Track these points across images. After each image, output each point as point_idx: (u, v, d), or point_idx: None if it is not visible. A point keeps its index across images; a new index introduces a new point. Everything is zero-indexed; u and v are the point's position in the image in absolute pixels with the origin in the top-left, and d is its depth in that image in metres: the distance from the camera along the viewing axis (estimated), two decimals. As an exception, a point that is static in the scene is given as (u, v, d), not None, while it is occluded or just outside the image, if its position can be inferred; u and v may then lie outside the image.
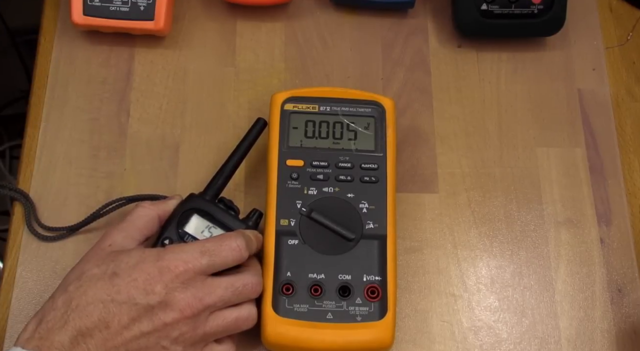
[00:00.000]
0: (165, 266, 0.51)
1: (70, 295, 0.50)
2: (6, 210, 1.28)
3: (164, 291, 0.51)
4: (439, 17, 0.74)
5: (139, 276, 0.51)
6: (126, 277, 0.51)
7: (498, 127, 0.70)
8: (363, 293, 0.57)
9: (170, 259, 0.52)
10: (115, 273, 0.51)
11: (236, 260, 0.54)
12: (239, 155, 0.61)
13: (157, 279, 0.51)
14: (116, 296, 0.50)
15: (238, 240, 0.54)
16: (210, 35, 0.71)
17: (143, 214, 0.57)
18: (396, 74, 0.71)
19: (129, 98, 0.68)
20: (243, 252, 0.54)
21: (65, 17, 0.70)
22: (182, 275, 0.51)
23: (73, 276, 0.52)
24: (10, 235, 0.63)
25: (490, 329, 0.62)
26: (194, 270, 0.52)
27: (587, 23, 0.75)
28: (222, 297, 0.53)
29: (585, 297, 0.64)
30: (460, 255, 0.65)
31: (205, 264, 0.52)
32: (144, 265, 0.51)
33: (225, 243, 0.54)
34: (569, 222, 0.67)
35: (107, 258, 0.53)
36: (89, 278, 0.51)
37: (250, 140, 0.61)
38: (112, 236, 0.55)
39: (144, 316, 0.50)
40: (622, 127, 0.71)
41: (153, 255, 0.52)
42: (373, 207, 0.60)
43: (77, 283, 0.51)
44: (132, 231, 0.56)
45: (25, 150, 0.66)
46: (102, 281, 0.51)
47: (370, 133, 0.63)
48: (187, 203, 0.58)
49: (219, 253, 0.53)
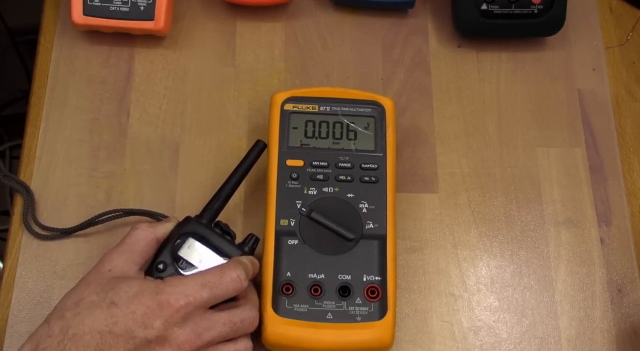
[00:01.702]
0: (165, 300, 0.50)
1: (68, 322, 0.49)
2: (6, 210, 1.28)
3: (162, 326, 0.49)
4: (439, 17, 0.74)
5: (138, 309, 0.49)
6: (125, 308, 0.50)
7: (498, 127, 0.70)
8: (363, 293, 0.57)
9: (170, 293, 0.50)
10: (113, 302, 0.50)
11: (237, 291, 0.53)
12: (237, 177, 0.59)
13: (156, 313, 0.50)
14: (114, 328, 0.49)
15: (238, 270, 0.53)
16: (210, 35, 0.71)
17: (142, 237, 0.55)
18: (396, 74, 0.71)
19: (129, 98, 0.68)
20: (243, 282, 0.53)
21: (65, 17, 0.70)
22: (182, 309, 0.50)
23: (70, 302, 0.51)
24: (10, 235, 0.63)
25: (490, 329, 0.62)
26: (195, 304, 0.51)
27: (587, 23, 0.75)
28: (220, 333, 0.52)
29: (585, 297, 0.64)
30: (460, 255, 0.65)
31: (206, 297, 0.51)
32: (144, 297, 0.50)
33: (225, 274, 0.53)
34: (569, 222, 0.67)
35: (106, 285, 0.51)
36: (87, 305, 0.50)
37: (250, 162, 0.60)
38: (112, 260, 0.54)
39: (141, 350, 0.49)
40: (622, 127, 0.71)
41: (153, 287, 0.51)
42: (373, 207, 0.60)
43: (75, 310, 0.50)
44: (132, 255, 0.54)
45: (25, 150, 0.66)
46: (100, 310, 0.50)
47: (370, 133, 0.63)
48: (183, 226, 0.57)
49: (220, 285, 0.52)
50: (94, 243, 0.62)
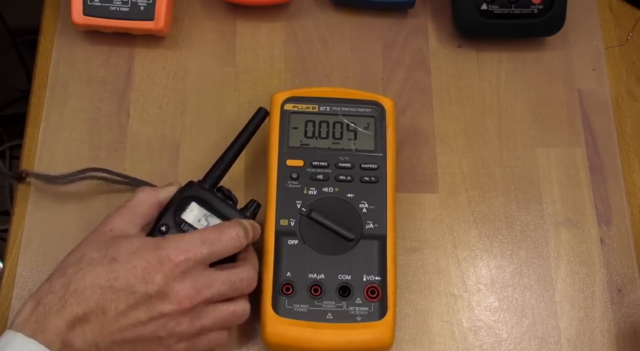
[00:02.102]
0: (165, 255, 0.51)
1: (69, 278, 0.50)
2: (6, 210, 1.28)
3: (162, 281, 0.50)
4: (439, 17, 0.74)
5: (138, 264, 0.50)
6: (125, 264, 0.50)
7: (498, 127, 0.70)
8: (363, 293, 0.57)
9: (170, 248, 0.52)
10: (114, 258, 0.51)
11: (236, 249, 0.54)
12: (239, 144, 0.60)
13: (156, 268, 0.51)
14: (114, 283, 0.50)
15: (237, 228, 0.54)
16: (210, 35, 0.71)
17: (144, 200, 0.56)
18: (396, 74, 0.71)
19: (129, 98, 0.68)
20: (242, 240, 0.54)
21: (65, 17, 0.70)
22: (182, 264, 0.51)
23: (72, 259, 0.52)
24: (10, 235, 0.63)
25: (490, 329, 0.62)
26: (195, 259, 0.52)
27: (587, 23, 0.75)
28: (220, 291, 0.53)
29: (585, 297, 0.64)
30: (460, 255, 0.65)
31: (206, 253, 0.52)
32: (144, 253, 0.51)
33: (225, 232, 0.54)
34: (569, 222, 0.67)
35: (107, 243, 0.52)
36: (88, 262, 0.51)
37: (251, 130, 0.61)
38: (114, 221, 0.55)
39: (141, 304, 0.50)
40: (622, 127, 0.71)
41: (153, 243, 0.52)
42: (373, 207, 0.60)
43: (76, 266, 0.51)
44: (133, 216, 0.55)
45: (25, 150, 0.66)
46: (100, 266, 0.50)
47: (370, 133, 0.63)
48: (186, 190, 0.58)
49: (219, 242, 0.53)
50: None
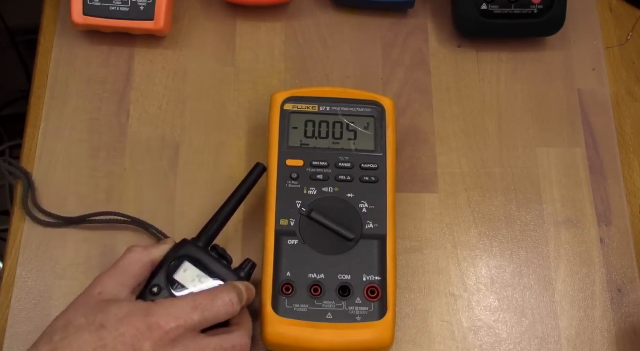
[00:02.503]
0: (155, 322, 0.49)
1: (55, 345, 0.48)
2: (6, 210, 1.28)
3: (152, 349, 0.49)
4: (439, 17, 0.74)
5: (127, 331, 0.49)
6: (114, 331, 0.48)
7: (498, 127, 0.70)
8: (363, 293, 0.57)
9: (160, 315, 0.50)
10: (102, 325, 0.49)
11: (229, 315, 0.52)
12: (235, 200, 0.58)
13: (146, 336, 0.49)
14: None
15: (231, 294, 0.52)
16: (210, 35, 0.71)
17: (136, 260, 0.54)
18: (396, 74, 0.71)
19: (129, 98, 0.68)
20: (236, 306, 0.52)
21: (65, 17, 0.70)
22: (172, 332, 0.49)
23: (59, 324, 0.50)
24: (10, 235, 0.63)
25: (490, 329, 0.62)
26: (185, 326, 0.50)
27: (587, 23, 0.75)
28: None
29: (585, 297, 0.64)
30: (460, 255, 0.65)
31: (197, 320, 0.50)
32: (133, 320, 0.49)
33: (218, 297, 0.52)
34: (569, 222, 0.67)
35: (95, 308, 0.50)
36: (75, 328, 0.49)
37: (248, 186, 0.59)
38: (103, 282, 0.53)
39: None
40: (622, 127, 0.71)
41: (143, 309, 0.50)
42: (373, 207, 0.60)
43: (63, 333, 0.49)
44: (124, 278, 0.53)
45: (25, 150, 0.66)
46: (88, 334, 0.48)
47: (370, 133, 0.63)
48: (180, 249, 0.56)
49: (212, 308, 0.51)
50: (93, 243, 0.62)
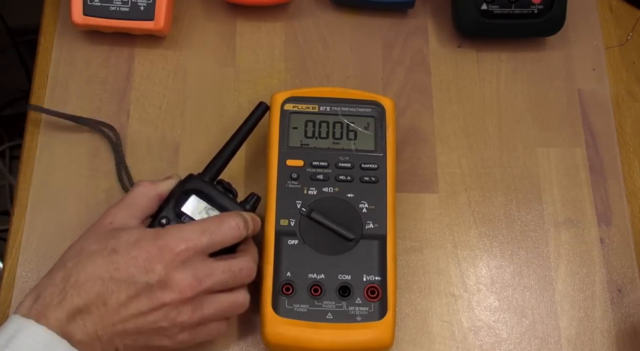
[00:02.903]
0: (165, 244, 0.51)
1: (69, 271, 0.50)
2: (6, 210, 1.28)
3: (163, 270, 0.51)
4: (439, 17, 0.74)
5: (139, 254, 0.51)
6: (125, 255, 0.51)
7: (498, 127, 0.70)
8: (363, 293, 0.57)
9: (170, 238, 0.52)
10: (114, 250, 0.51)
11: (235, 238, 0.54)
12: (239, 138, 0.60)
13: (157, 258, 0.51)
14: (115, 274, 0.50)
15: (237, 219, 0.54)
16: (210, 35, 0.71)
17: (144, 193, 0.57)
18: (396, 74, 0.71)
19: (129, 98, 0.68)
20: (242, 230, 0.54)
21: (65, 17, 0.70)
22: (182, 253, 0.51)
23: (72, 252, 0.52)
24: (10, 235, 0.63)
25: (490, 329, 0.62)
26: (195, 248, 0.52)
27: (587, 23, 0.75)
28: (220, 280, 0.53)
29: (585, 297, 0.64)
30: (460, 255, 0.65)
31: (206, 243, 0.52)
32: (144, 243, 0.51)
33: (225, 221, 0.54)
34: (569, 222, 0.67)
35: (107, 235, 0.53)
36: (88, 254, 0.51)
37: (251, 124, 0.61)
38: (113, 214, 0.55)
39: (143, 295, 0.50)
40: (622, 127, 0.71)
41: (153, 234, 0.52)
42: (373, 207, 0.60)
43: (76, 259, 0.51)
44: (133, 209, 0.56)
45: (25, 150, 0.66)
46: (101, 258, 0.51)
47: (370, 133, 0.63)
48: (186, 183, 0.58)
49: (219, 231, 0.53)
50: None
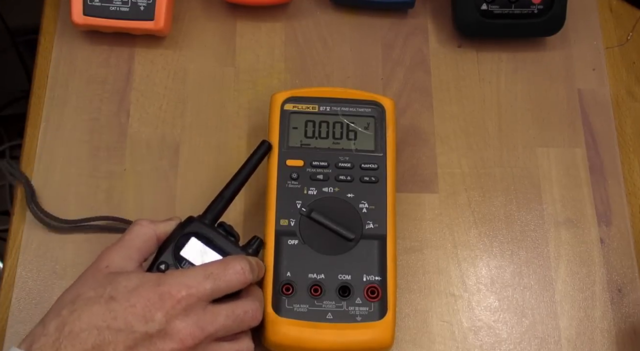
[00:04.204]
0: (166, 291, 0.48)
1: (64, 319, 0.47)
2: (6, 210, 1.28)
3: (164, 319, 0.48)
4: (439, 17, 0.74)
5: (138, 302, 0.48)
6: (124, 302, 0.48)
7: (498, 127, 0.70)
8: (363, 293, 0.57)
9: (172, 284, 0.49)
10: (112, 297, 0.48)
11: (241, 284, 0.52)
12: (241, 178, 0.58)
13: (157, 306, 0.48)
14: (112, 323, 0.47)
15: (242, 263, 0.52)
16: (210, 35, 0.71)
17: (141, 233, 0.54)
18: (396, 74, 0.71)
19: (129, 98, 0.68)
20: (247, 275, 0.52)
21: (65, 17, 0.70)
22: (183, 300, 0.49)
23: (67, 299, 0.49)
24: (10, 235, 0.63)
25: (490, 329, 0.62)
26: (197, 295, 0.49)
27: (587, 23, 0.75)
28: (224, 326, 0.50)
29: (585, 297, 0.64)
30: (460, 255, 0.65)
31: (209, 288, 0.50)
32: (144, 290, 0.48)
33: (230, 266, 0.51)
34: (569, 222, 0.67)
35: (104, 281, 0.50)
36: (84, 301, 0.48)
37: (254, 163, 0.59)
38: (110, 256, 0.52)
39: (141, 345, 0.47)
40: (622, 127, 0.71)
41: (153, 280, 0.49)
42: (373, 207, 0.60)
43: (71, 307, 0.48)
44: (130, 251, 0.53)
45: (25, 150, 0.66)
46: (98, 306, 0.48)
47: (370, 133, 0.63)
48: (186, 226, 0.55)
49: (224, 277, 0.51)
50: (94, 242, 0.62)
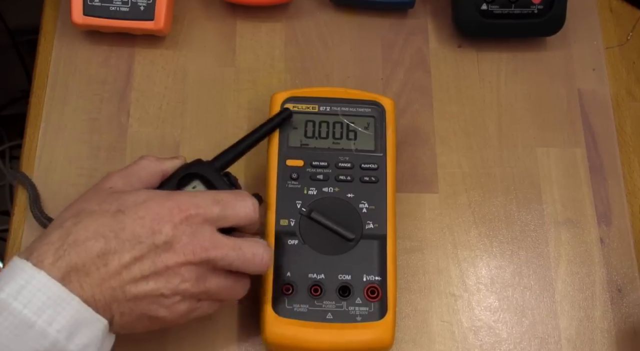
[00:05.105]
0: (175, 206, 0.48)
1: (68, 229, 0.46)
2: (6, 210, 1.28)
3: (171, 232, 0.47)
4: (439, 17, 0.74)
5: (147, 214, 0.47)
6: (132, 214, 0.47)
7: (498, 127, 0.70)
8: (363, 293, 0.57)
9: (181, 200, 0.48)
10: (120, 210, 0.47)
11: (248, 218, 0.51)
12: (257, 135, 0.59)
13: (166, 219, 0.47)
14: (120, 233, 0.46)
15: (252, 199, 0.51)
16: (210, 35, 0.71)
17: (147, 166, 0.53)
18: (396, 74, 0.71)
19: (129, 98, 0.68)
20: (255, 213, 0.51)
21: (65, 17, 0.70)
22: (192, 218, 0.48)
23: (70, 213, 0.48)
24: (10, 235, 0.63)
25: (490, 329, 0.62)
26: (205, 216, 0.48)
27: (587, 23, 0.75)
28: (228, 255, 0.49)
29: (585, 297, 0.64)
30: (460, 255, 0.65)
31: (217, 213, 0.49)
32: (153, 203, 0.48)
33: (240, 197, 0.51)
34: (569, 222, 0.67)
35: (109, 198, 0.49)
36: (89, 213, 0.47)
37: (273, 125, 0.60)
38: (113, 179, 0.52)
39: (147, 256, 0.47)
40: (622, 127, 0.71)
41: (163, 195, 0.49)
42: (373, 207, 0.60)
43: (75, 219, 0.47)
44: (133, 180, 0.52)
45: (25, 150, 0.66)
46: (105, 218, 0.47)
47: (370, 133, 0.63)
48: (192, 166, 0.55)
49: (233, 206, 0.50)
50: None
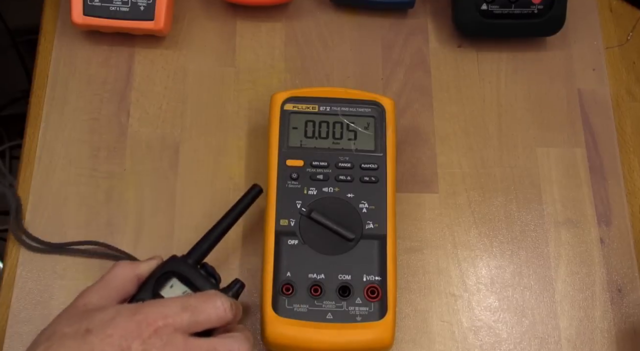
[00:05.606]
0: (143, 320, 0.47)
1: None
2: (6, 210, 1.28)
3: (140, 347, 0.46)
4: (439, 17, 0.74)
5: (115, 332, 0.46)
6: (100, 333, 0.46)
7: (498, 127, 0.70)
8: (363, 293, 0.57)
9: (148, 313, 0.48)
10: (88, 330, 0.47)
11: (220, 320, 0.50)
12: (229, 220, 0.57)
13: (134, 334, 0.46)
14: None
15: (222, 298, 0.50)
16: (210, 35, 0.71)
17: (121, 274, 0.53)
18: (396, 74, 0.71)
19: (129, 98, 0.68)
20: (227, 312, 0.50)
21: (65, 17, 0.70)
22: (161, 330, 0.47)
23: (43, 337, 0.48)
24: (10, 235, 0.63)
25: (490, 329, 0.62)
26: (174, 325, 0.47)
27: (587, 23, 0.75)
28: None
29: (585, 297, 0.64)
30: (460, 255, 0.65)
31: (187, 320, 0.48)
32: (120, 319, 0.47)
33: (209, 300, 0.50)
34: (569, 222, 0.67)
35: (80, 317, 0.49)
36: (59, 337, 0.47)
37: (244, 206, 0.58)
38: (88, 296, 0.51)
39: None
40: (622, 127, 0.71)
41: (131, 309, 0.48)
42: (373, 207, 0.60)
43: (47, 343, 0.47)
44: (108, 291, 0.52)
45: (25, 150, 0.66)
46: (73, 341, 0.47)
47: (370, 133, 0.63)
48: (167, 265, 0.54)
49: (203, 310, 0.49)
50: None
